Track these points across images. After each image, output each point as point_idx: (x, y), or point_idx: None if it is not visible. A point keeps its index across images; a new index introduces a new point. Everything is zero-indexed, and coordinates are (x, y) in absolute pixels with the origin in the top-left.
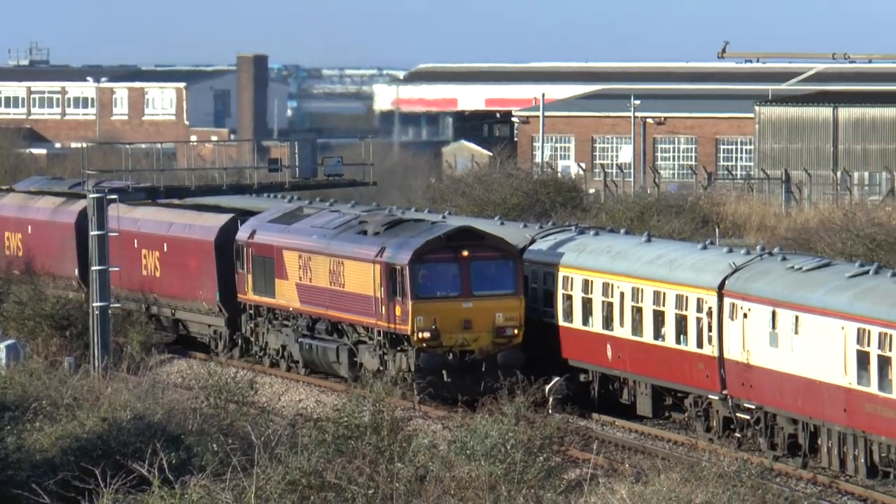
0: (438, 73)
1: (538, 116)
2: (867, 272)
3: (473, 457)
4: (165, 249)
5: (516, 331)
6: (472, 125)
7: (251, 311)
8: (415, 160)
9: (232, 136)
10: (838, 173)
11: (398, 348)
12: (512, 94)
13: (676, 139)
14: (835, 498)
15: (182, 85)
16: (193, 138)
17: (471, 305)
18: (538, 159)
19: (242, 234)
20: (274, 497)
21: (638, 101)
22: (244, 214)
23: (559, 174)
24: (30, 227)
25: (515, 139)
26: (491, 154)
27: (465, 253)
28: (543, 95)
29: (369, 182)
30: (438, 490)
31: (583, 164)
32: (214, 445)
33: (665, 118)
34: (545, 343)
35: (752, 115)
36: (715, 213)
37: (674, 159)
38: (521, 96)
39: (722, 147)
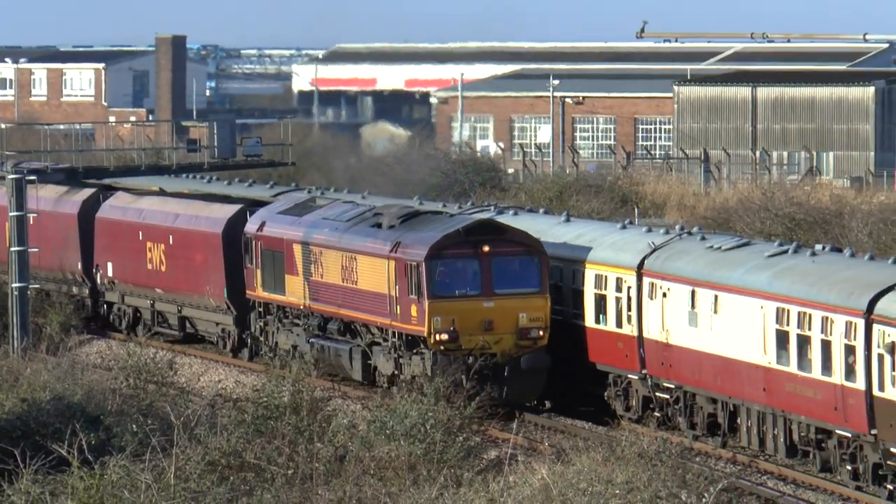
0: (357, 54)
1: (457, 97)
2: (786, 251)
3: (393, 437)
4: (171, 242)
5: (541, 332)
6: (391, 106)
7: (260, 309)
8: (334, 141)
9: (151, 117)
10: (757, 153)
11: (414, 351)
12: (431, 75)
13: (595, 119)
14: (754, 477)
15: (101, 66)
16: (112, 119)
17: (492, 305)
18: (457, 139)
19: (251, 227)
20: (193, 478)
21: (556, 81)
22: (254, 205)
23: (478, 154)
24: (31, 218)
25: (434, 120)
26: (410, 134)
27: (486, 248)
28: (462, 76)
29: (288, 162)
30: (358, 470)
31: (501, 144)
32: (134, 426)
33: (584, 98)
34: None
35: (670, 94)
36: (634, 192)
37: (592, 139)
38: (439, 77)
39: (641, 127)
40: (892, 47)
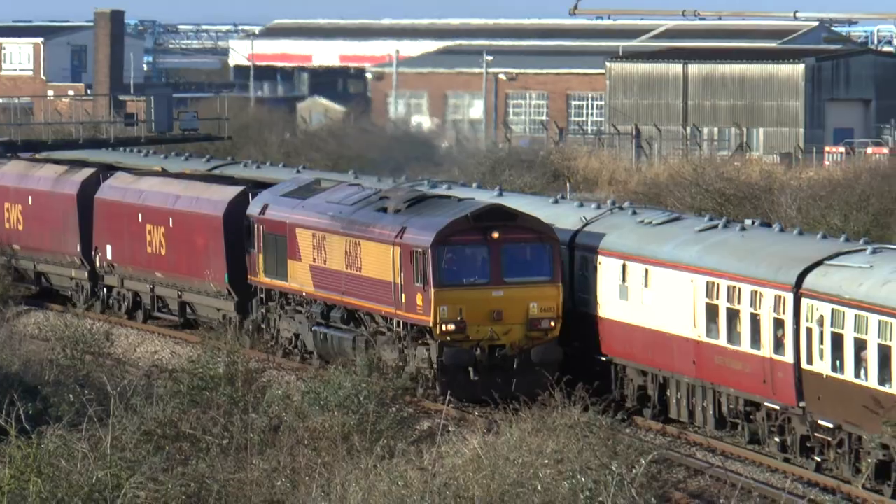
0: (293, 29)
1: (391, 73)
2: (716, 226)
3: (327, 407)
4: (171, 225)
5: (553, 323)
6: (327, 81)
7: (262, 295)
8: (270, 115)
9: (89, 91)
10: (688, 129)
11: (419, 341)
12: (366, 51)
13: (528, 95)
14: (683, 449)
15: (39, 40)
16: (50, 93)
17: (501, 294)
18: (391, 115)
19: (253, 209)
20: (129, 447)
21: (490, 58)
22: (257, 186)
23: (412, 129)
24: (30, 198)
25: (369, 95)
26: (345, 110)
27: (496, 235)
28: (397, 52)
29: (224, 137)
30: (292, 440)
31: (435, 120)
32: (71, 396)
33: (517, 74)
34: None
35: (603, 71)
36: (566, 167)
37: (525, 115)
38: (374, 53)
39: (573, 103)
40: (822, 25)
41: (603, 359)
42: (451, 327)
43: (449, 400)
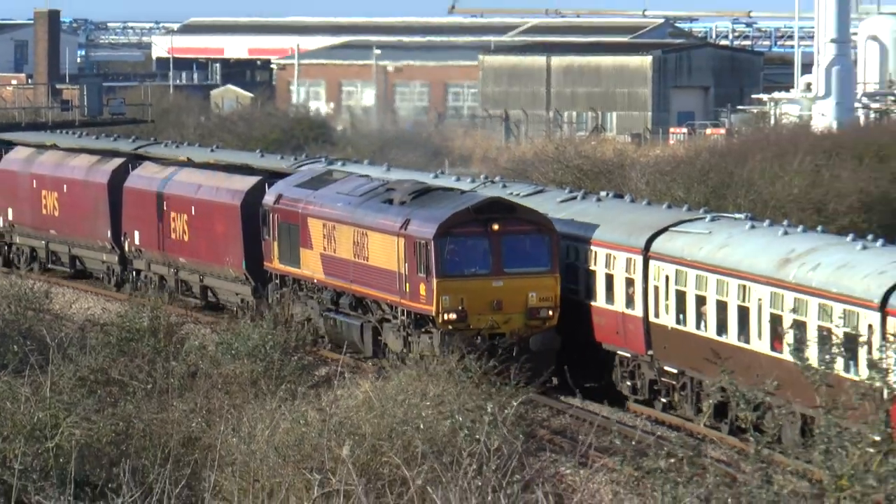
0: (208, 26)
1: (293, 64)
2: (575, 198)
3: (237, 356)
4: (193, 213)
5: (551, 312)
6: (237, 71)
7: (277, 281)
8: (187, 102)
9: (29, 81)
10: (551, 113)
11: (423, 329)
12: (271, 45)
13: (412, 84)
14: (549, 392)
15: None
16: None
17: (501, 284)
18: (294, 101)
19: (269, 199)
20: (66, 391)
21: (379, 51)
22: (273, 177)
23: (311, 114)
24: (65, 186)
25: (274, 83)
26: (253, 96)
27: (496, 226)
28: (298, 46)
29: (147, 120)
30: (207, 385)
31: (332, 105)
32: (15, 347)
33: (403, 66)
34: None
35: (476, 63)
36: (445, 146)
37: (410, 101)
38: (279, 46)
39: (451, 90)
40: (668, 22)
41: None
42: (453, 316)
43: (346, 351)
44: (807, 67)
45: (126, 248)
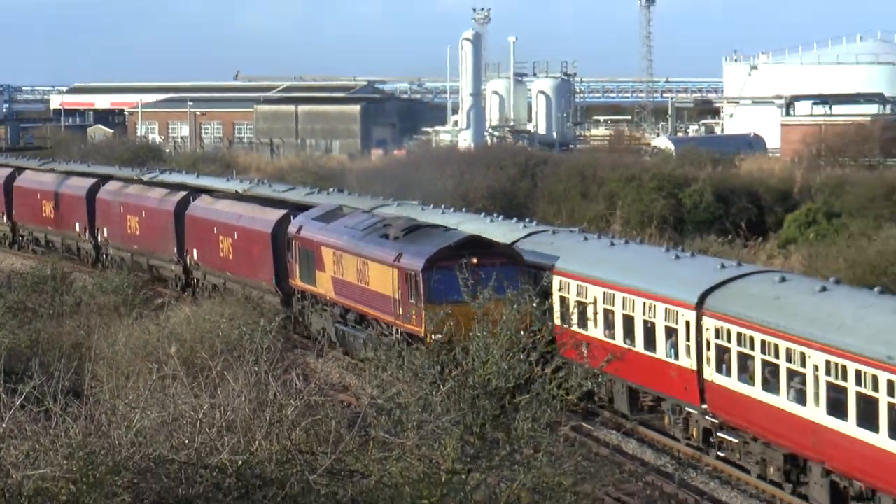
0: (85, 88)
1: (138, 112)
2: (313, 192)
3: (106, 291)
4: (236, 237)
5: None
6: (104, 116)
7: (299, 295)
8: (73, 135)
9: None
10: (298, 140)
11: (415, 347)
12: (125, 100)
13: (212, 123)
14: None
15: None
16: None
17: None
18: (138, 134)
19: (292, 229)
20: None
21: (191, 103)
22: (298, 209)
23: (150, 142)
24: (144, 212)
25: (126, 124)
26: (113, 132)
27: (475, 260)
28: (141, 100)
29: (48, 147)
30: (87, 310)
31: (162, 137)
32: None
33: (206, 111)
34: None
35: (252, 110)
36: (233, 162)
37: (211, 134)
38: (129, 100)
39: (237, 127)
40: (370, 84)
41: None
42: (438, 336)
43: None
44: (454, 111)
45: (188, 262)
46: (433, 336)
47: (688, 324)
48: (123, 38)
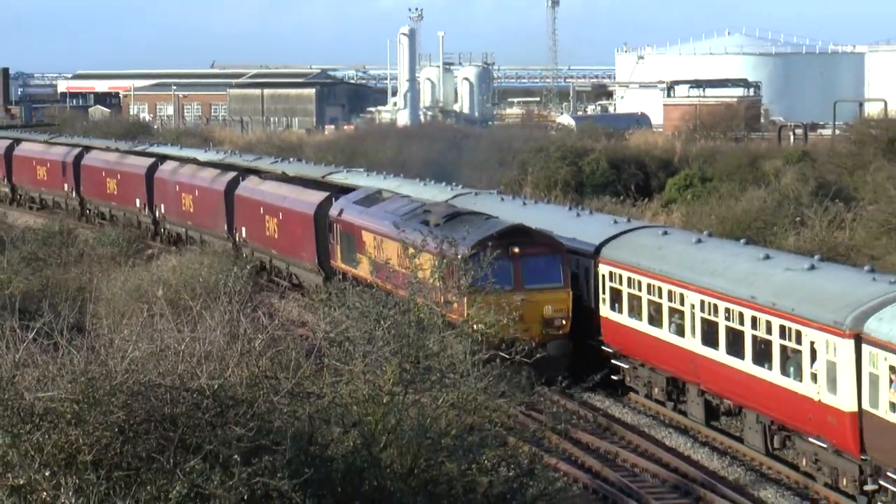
0: (88, 75)
1: (131, 94)
2: (277, 161)
3: (104, 244)
4: (280, 217)
5: (564, 322)
6: (103, 98)
7: (340, 276)
8: (76, 114)
9: None
10: (265, 119)
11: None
12: (120, 84)
13: (193, 104)
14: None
15: None
16: None
17: (521, 298)
18: (131, 114)
19: (333, 212)
20: (14, 264)
21: (175, 87)
22: (340, 192)
23: (141, 120)
24: (197, 191)
25: (122, 105)
26: (110, 111)
27: (517, 249)
28: (133, 85)
29: (56, 124)
30: (89, 259)
31: (151, 116)
32: None
33: (188, 94)
34: None
35: (226, 93)
36: (210, 136)
37: (191, 113)
38: (124, 85)
39: (213, 108)
40: (323, 71)
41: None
42: (480, 326)
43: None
44: (394, 93)
45: (237, 239)
46: (476, 325)
47: (586, 270)
48: (120, 33)
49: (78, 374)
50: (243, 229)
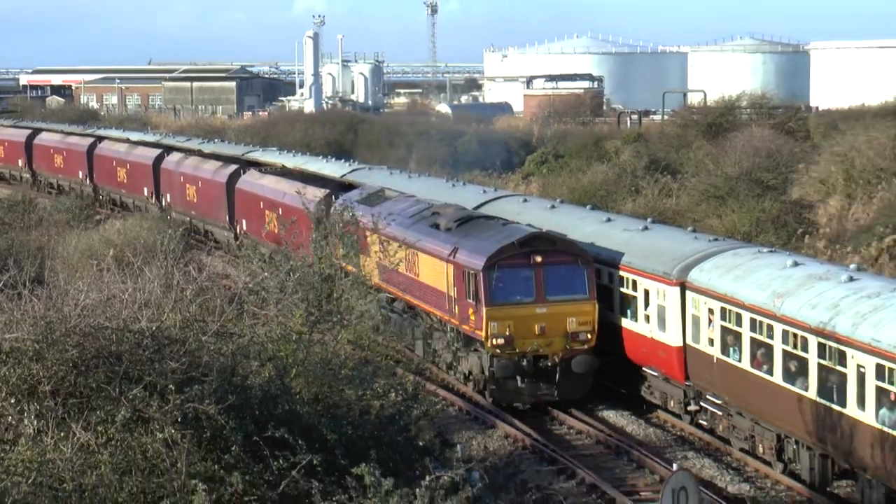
0: (45, 70)
1: (81, 87)
2: (203, 142)
3: (60, 211)
4: (280, 213)
5: (590, 335)
6: (59, 90)
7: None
8: (35, 103)
9: None
10: (193, 107)
11: (472, 348)
12: (73, 78)
13: (134, 95)
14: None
15: None
16: None
17: (544, 311)
18: (82, 103)
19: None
20: None
21: (119, 81)
22: (342, 189)
23: (90, 108)
24: (200, 182)
25: (74, 95)
26: (65, 101)
27: (539, 258)
28: (84, 79)
29: (18, 111)
30: (48, 223)
31: (99, 105)
32: None
33: (130, 87)
34: None
35: (161, 85)
36: (149, 122)
37: (133, 103)
38: (76, 79)
39: (151, 98)
40: (242, 67)
41: None
42: (501, 341)
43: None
44: (301, 86)
45: (237, 231)
46: (496, 341)
47: None
48: (74, 34)
49: (38, 318)
50: (244, 221)
